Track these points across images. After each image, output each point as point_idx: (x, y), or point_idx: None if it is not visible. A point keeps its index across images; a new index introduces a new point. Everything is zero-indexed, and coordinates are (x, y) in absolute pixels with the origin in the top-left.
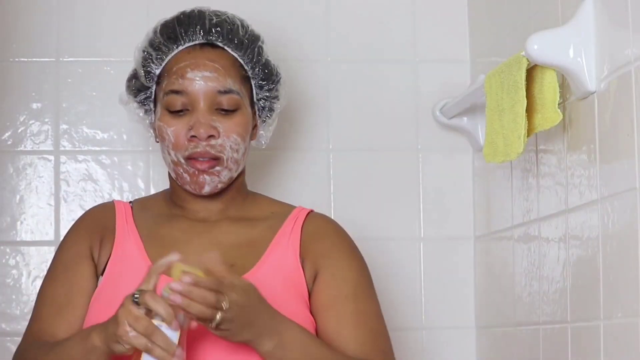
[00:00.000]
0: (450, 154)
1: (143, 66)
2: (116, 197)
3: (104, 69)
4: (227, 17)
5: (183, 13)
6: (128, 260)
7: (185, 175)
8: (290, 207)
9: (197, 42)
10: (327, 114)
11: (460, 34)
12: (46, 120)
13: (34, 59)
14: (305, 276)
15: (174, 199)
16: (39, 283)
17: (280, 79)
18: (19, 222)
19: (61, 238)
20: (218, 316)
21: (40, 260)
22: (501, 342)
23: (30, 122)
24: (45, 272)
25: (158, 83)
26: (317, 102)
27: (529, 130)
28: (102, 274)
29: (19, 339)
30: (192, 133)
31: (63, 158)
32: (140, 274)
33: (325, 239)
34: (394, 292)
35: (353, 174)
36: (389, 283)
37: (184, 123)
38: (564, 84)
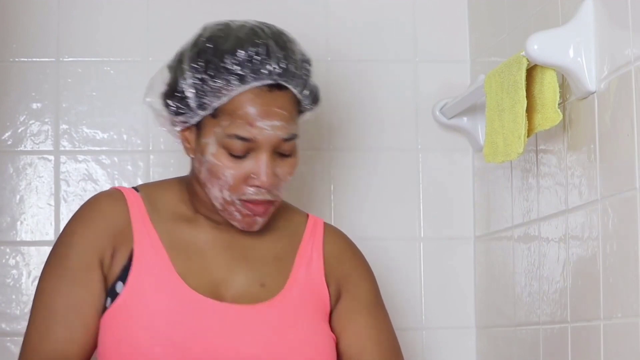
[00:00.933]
0: (450, 154)
1: (198, 95)
2: None
3: (104, 69)
4: (291, 49)
5: (250, 49)
6: (153, 273)
7: (237, 214)
8: (303, 216)
9: (267, 82)
10: (327, 114)
11: (460, 34)
12: (46, 120)
13: (34, 59)
14: (330, 295)
15: (196, 205)
16: None
17: (320, 100)
18: (19, 222)
19: None
20: None
21: (40, 260)
22: (501, 342)
23: (30, 122)
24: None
25: (214, 115)
26: None
27: (529, 130)
28: (116, 282)
29: (19, 339)
30: (255, 183)
31: (63, 158)
32: (169, 290)
33: (347, 261)
34: (394, 292)
35: (353, 174)
36: (389, 283)
37: (245, 168)
38: (564, 84)
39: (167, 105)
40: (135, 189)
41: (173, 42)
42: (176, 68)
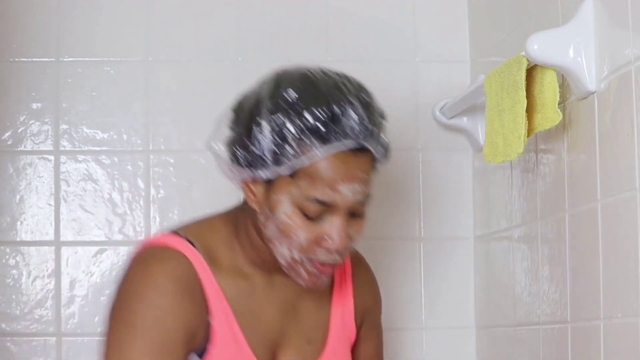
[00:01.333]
0: (450, 154)
1: (276, 153)
2: (116, 197)
3: (104, 69)
4: (373, 107)
5: (335, 109)
6: (229, 349)
7: (304, 273)
8: None
9: (351, 146)
10: None
11: (460, 34)
12: (46, 120)
13: (34, 59)
14: (357, 332)
15: (251, 255)
16: (38, 283)
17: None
18: (19, 222)
19: (61, 238)
20: None
21: (40, 260)
22: (501, 342)
23: (30, 122)
24: (46, 271)
25: (292, 175)
26: None
27: (529, 130)
28: (190, 355)
29: (19, 339)
30: (329, 245)
31: (63, 158)
32: None
33: (370, 292)
34: (394, 292)
35: None
36: (389, 283)
37: (319, 230)
38: (564, 84)
39: (235, 155)
40: (188, 239)
41: (173, 42)
42: (249, 117)
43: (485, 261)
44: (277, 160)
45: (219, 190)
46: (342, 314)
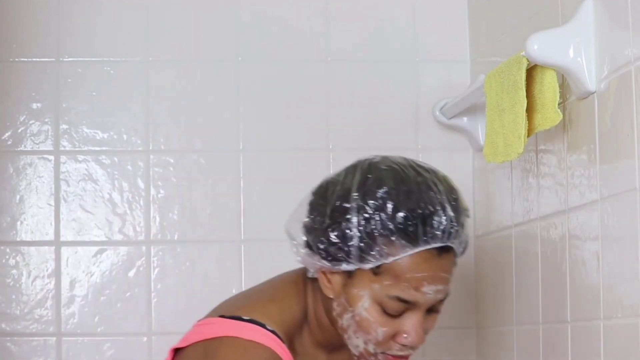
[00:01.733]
0: (450, 154)
1: (362, 248)
2: (116, 197)
3: (104, 69)
4: (461, 207)
5: (427, 209)
6: None
7: None
8: None
9: (436, 245)
10: (327, 114)
11: (460, 34)
12: (46, 120)
13: (34, 59)
14: None
15: (317, 336)
16: (39, 283)
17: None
18: (19, 222)
19: (61, 238)
20: None
21: (40, 260)
22: (501, 342)
23: (30, 122)
24: (46, 271)
25: (375, 272)
26: (317, 102)
27: (529, 130)
28: None
29: (19, 339)
30: (405, 342)
31: (63, 158)
32: None
33: None
34: None
35: None
36: None
37: (397, 325)
38: (564, 84)
39: (316, 244)
40: (276, 334)
41: (173, 42)
42: (335, 208)
43: (485, 261)
44: (361, 257)
45: (219, 191)
46: None
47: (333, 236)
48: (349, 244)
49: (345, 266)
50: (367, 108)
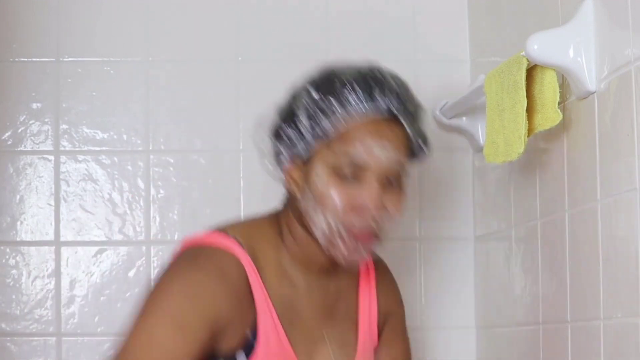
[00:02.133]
0: (450, 154)
1: (315, 123)
2: (116, 197)
3: (104, 69)
4: (408, 89)
5: (370, 77)
6: (275, 353)
7: (342, 247)
8: None
9: (384, 115)
10: None
11: (460, 34)
12: (46, 120)
13: (34, 59)
14: (378, 330)
15: (293, 249)
16: (39, 283)
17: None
18: (19, 222)
19: (61, 238)
20: None
21: (40, 260)
22: (501, 342)
23: (30, 122)
24: (46, 271)
25: (327, 143)
26: None
27: (529, 130)
28: (237, 353)
29: (19, 339)
30: (363, 210)
31: (63, 158)
32: None
33: (393, 294)
34: None
35: None
36: None
37: (353, 193)
38: (564, 84)
39: (278, 138)
40: (236, 239)
41: (173, 42)
42: (291, 99)
43: (485, 261)
44: (316, 131)
45: (219, 190)
46: (369, 316)
47: (290, 120)
48: (303, 121)
49: (302, 148)
50: None
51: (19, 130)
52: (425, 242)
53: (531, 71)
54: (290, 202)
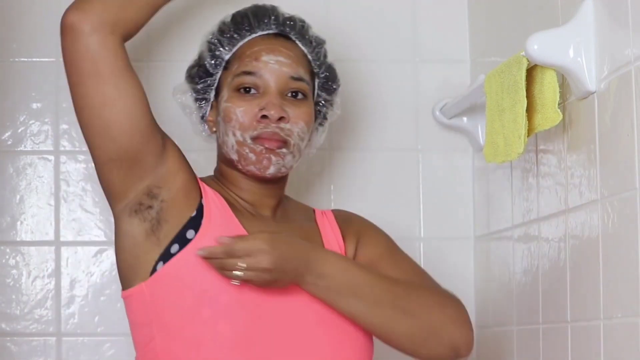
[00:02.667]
0: (450, 154)
1: (210, 51)
2: None
3: None
4: (298, 17)
5: (255, 5)
6: (224, 227)
7: (251, 154)
8: (309, 207)
9: (270, 31)
10: None
11: (460, 34)
12: (46, 120)
13: (34, 59)
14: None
15: (230, 198)
16: (39, 283)
17: (340, 85)
18: (19, 222)
19: (61, 238)
20: (239, 273)
21: (40, 260)
22: (501, 342)
23: (30, 122)
24: (46, 271)
25: (226, 68)
26: None
27: (529, 130)
28: (185, 230)
29: (19, 339)
30: (264, 113)
31: (63, 158)
32: None
33: (355, 221)
34: None
35: (353, 174)
36: None
37: (254, 104)
38: (564, 84)
39: (190, 80)
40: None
41: (173, 44)
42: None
43: (485, 261)
44: (214, 61)
45: None
46: (335, 247)
47: (196, 62)
48: (203, 56)
49: (210, 81)
50: (367, 108)
51: (19, 130)
52: (425, 242)
53: (531, 71)
54: (218, 149)
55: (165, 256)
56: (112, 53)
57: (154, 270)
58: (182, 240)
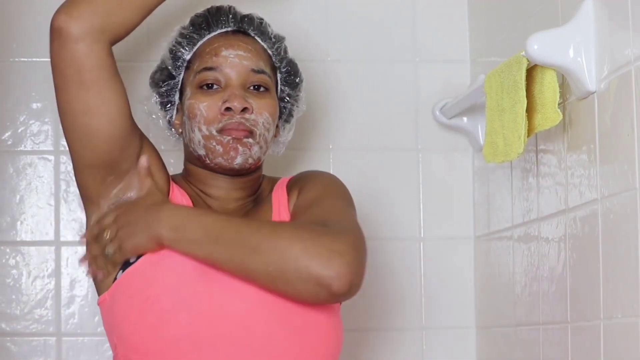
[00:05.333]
0: (450, 154)
1: (172, 53)
2: None
3: None
4: (256, 14)
5: (213, 6)
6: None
7: (218, 146)
8: (278, 178)
9: (229, 29)
10: (327, 114)
11: (460, 34)
12: (46, 120)
13: (34, 59)
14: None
15: (195, 198)
16: (39, 283)
17: (302, 80)
18: (19, 222)
19: (61, 238)
20: (110, 250)
21: (40, 260)
22: (501, 342)
23: (30, 122)
24: (46, 271)
25: (188, 68)
26: (317, 102)
27: (529, 130)
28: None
29: (19, 339)
30: (227, 105)
31: (63, 158)
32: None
33: (303, 177)
34: (394, 292)
35: (353, 174)
36: (389, 283)
37: (217, 98)
38: (564, 84)
39: (154, 84)
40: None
41: None
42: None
43: (485, 261)
44: (178, 62)
45: None
46: (282, 216)
47: (159, 67)
48: (166, 60)
49: (173, 84)
50: (367, 108)
51: (19, 130)
52: (425, 242)
53: (531, 71)
54: (185, 149)
55: (126, 265)
56: (98, 62)
57: (115, 278)
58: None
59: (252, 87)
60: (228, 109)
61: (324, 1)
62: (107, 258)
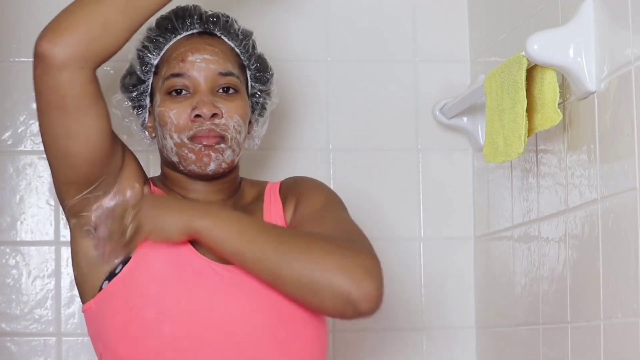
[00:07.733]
0: (450, 154)
1: (139, 58)
2: None
3: (103, 69)
4: (221, 12)
5: (178, 7)
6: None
7: (191, 154)
8: (264, 184)
9: (194, 31)
10: (326, 114)
11: (460, 34)
12: None
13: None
14: (288, 221)
15: (177, 190)
16: (39, 283)
17: (273, 74)
18: (19, 222)
19: (61, 238)
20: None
21: (40, 260)
22: (501, 342)
23: (30, 122)
24: (46, 271)
25: (156, 73)
26: (317, 102)
27: (529, 130)
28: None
29: (19, 339)
30: (196, 112)
31: None
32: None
33: (298, 184)
34: (394, 292)
35: (353, 174)
36: (389, 283)
37: (186, 105)
38: (564, 84)
39: (124, 89)
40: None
41: None
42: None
43: (485, 261)
44: (146, 67)
45: None
46: (275, 221)
47: (127, 72)
48: (134, 64)
49: (143, 89)
50: (367, 108)
51: (19, 130)
52: (425, 242)
53: (531, 71)
54: (160, 153)
55: (111, 275)
56: (81, 89)
57: (100, 288)
58: (126, 259)
59: (220, 90)
60: (198, 115)
61: (324, 1)
62: (123, 241)
